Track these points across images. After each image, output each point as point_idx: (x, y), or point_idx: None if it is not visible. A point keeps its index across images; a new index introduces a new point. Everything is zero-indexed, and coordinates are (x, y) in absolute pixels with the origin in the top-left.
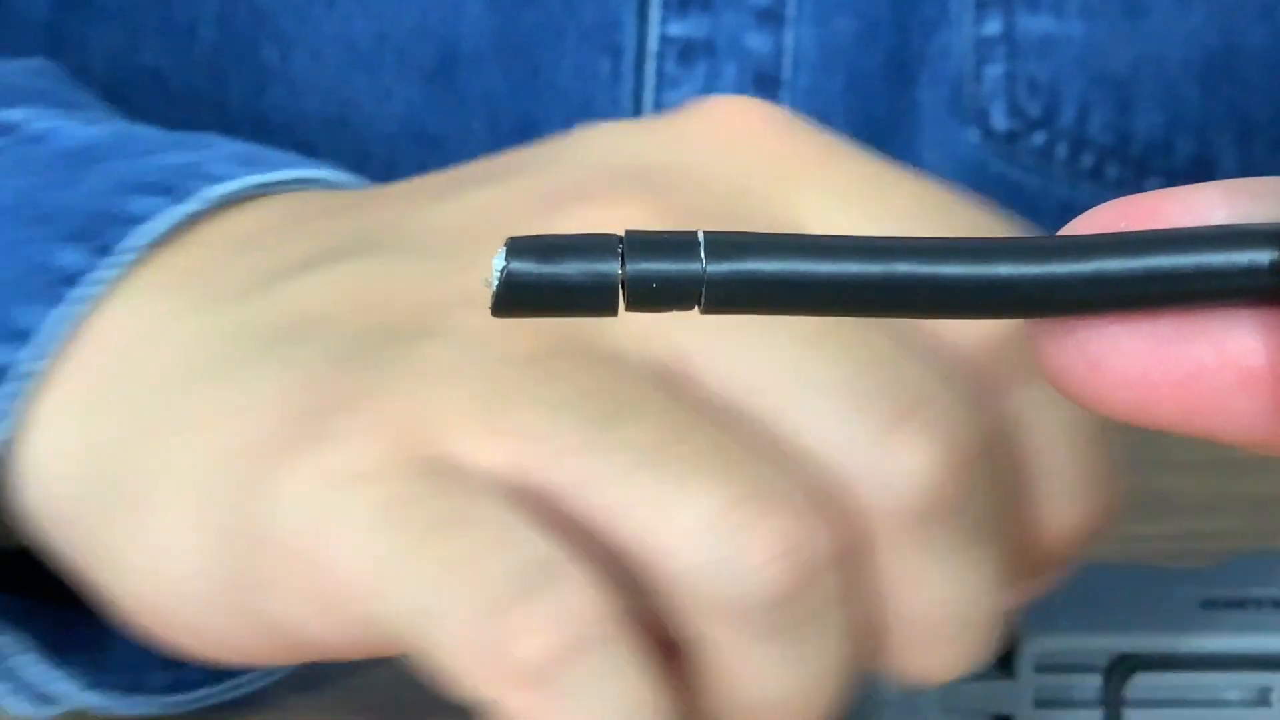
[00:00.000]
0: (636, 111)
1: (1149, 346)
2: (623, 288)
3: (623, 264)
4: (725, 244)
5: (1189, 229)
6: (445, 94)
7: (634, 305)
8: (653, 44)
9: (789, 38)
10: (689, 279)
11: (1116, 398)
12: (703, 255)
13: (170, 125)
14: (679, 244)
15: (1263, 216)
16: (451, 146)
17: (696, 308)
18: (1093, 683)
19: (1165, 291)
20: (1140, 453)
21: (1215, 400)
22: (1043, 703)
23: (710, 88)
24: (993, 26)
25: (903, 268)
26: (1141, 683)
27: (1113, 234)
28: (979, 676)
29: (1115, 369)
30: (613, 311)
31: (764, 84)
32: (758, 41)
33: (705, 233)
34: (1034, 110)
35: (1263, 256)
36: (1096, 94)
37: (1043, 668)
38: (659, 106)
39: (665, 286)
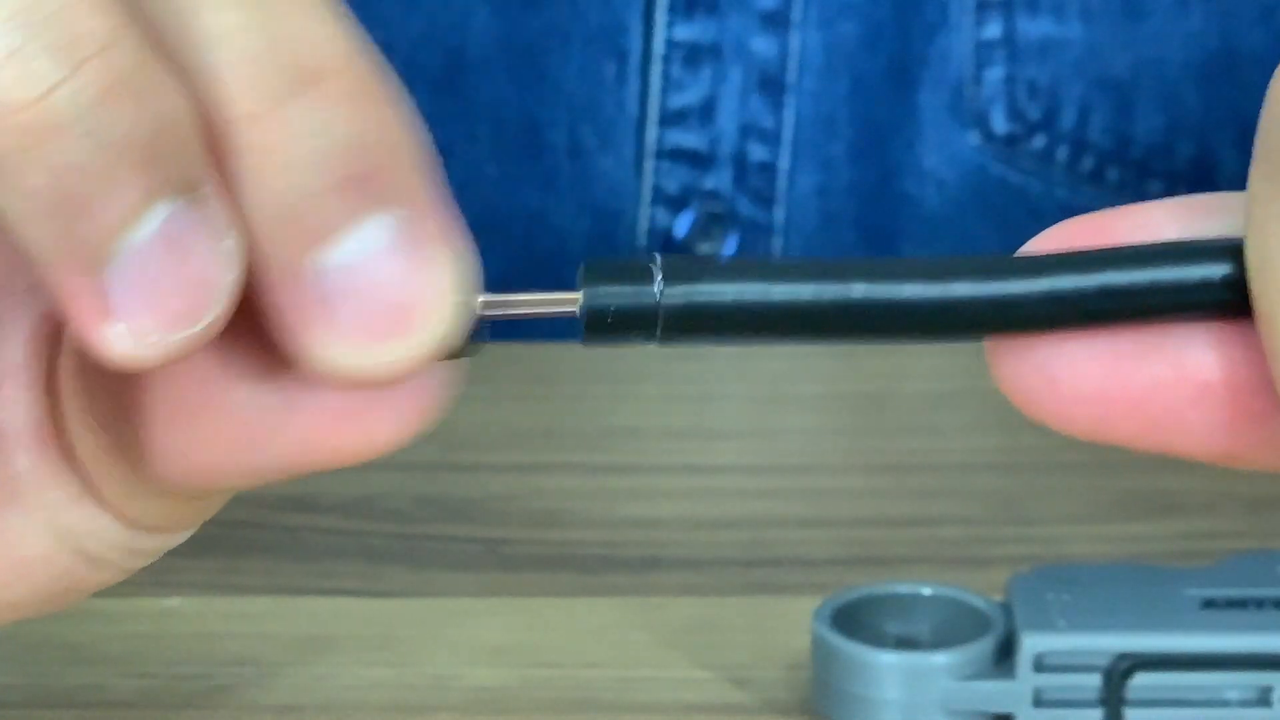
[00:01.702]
0: (643, 115)
1: (1106, 363)
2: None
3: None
4: (681, 268)
5: (1142, 245)
6: (452, 101)
7: (591, 339)
8: (659, 47)
9: (795, 41)
10: (645, 304)
11: (1076, 414)
12: (659, 280)
13: None
14: (635, 269)
15: (1214, 232)
16: (458, 153)
17: (654, 332)
18: (1093, 683)
19: (1120, 308)
20: (1140, 453)
21: (1173, 415)
22: (1043, 703)
23: (716, 91)
24: (993, 30)
25: (860, 289)
26: (1141, 683)
27: (1068, 252)
28: (979, 676)
29: (1073, 386)
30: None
31: (769, 87)
32: (763, 45)
33: (663, 257)
34: (1034, 113)
35: (1215, 271)
36: (1096, 97)
37: (1043, 668)
38: (665, 110)
39: (621, 309)
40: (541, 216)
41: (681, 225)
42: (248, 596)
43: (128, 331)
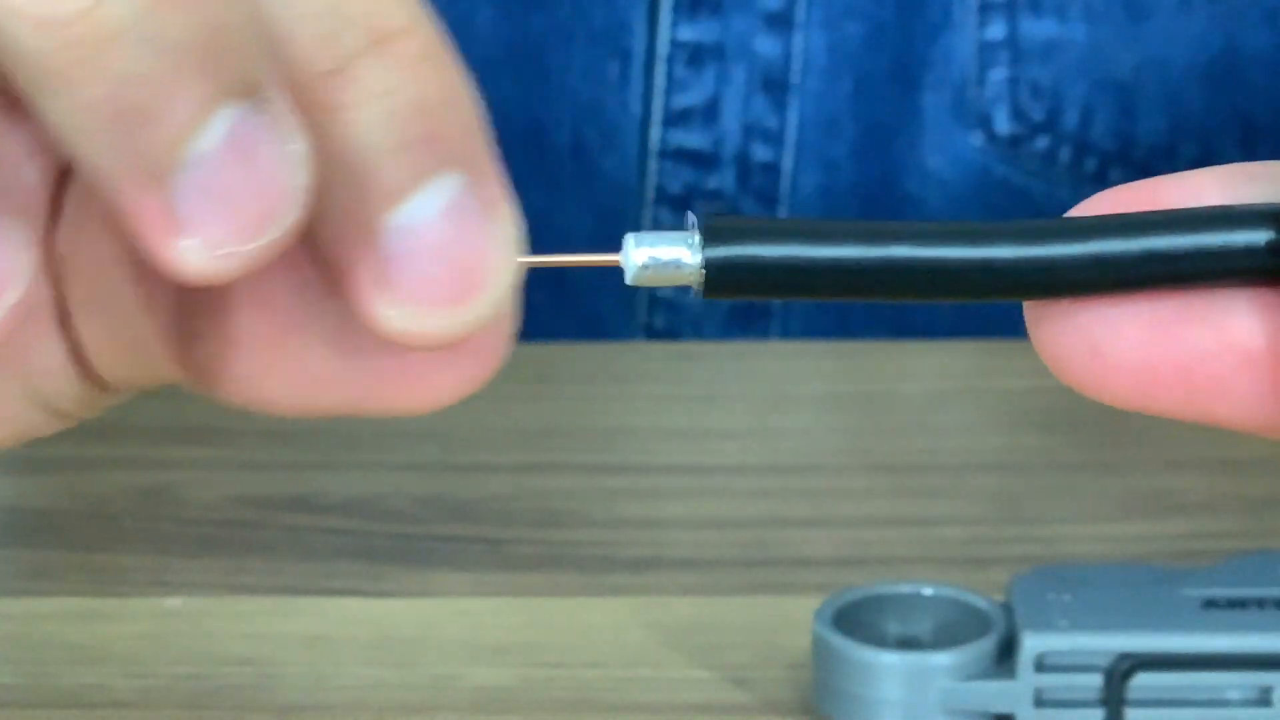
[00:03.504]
0: (646, 116)
1: (1149, 331)
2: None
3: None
4: (722, 229)
5: (1186, 210)
6: None
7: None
8: (662, 47)
9: (798, 42)
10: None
11: (1119, 383)
12: (700, 240)
13: None
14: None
15: (1258, 199)
16: None
17: (698, 290)
18: (1093, 682)
19: (1163, 273)
20: (1140, 453)
21: (1216, 384)
22: (1043, 703)
23: (719, 92)
24: (996, 31)
25: (901, 251)
26: (1142, 682)
27: (1111, 215)
28: (980, 676)
29: (1117, 354)
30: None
31: (773, 88)
32: (767, 45)
33: (703, 217)
34: (1037, 114)
35: (1259, 237)
36: (1099, 98)
37: (1043, 668)
38: (669, 110)
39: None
40: (545, 216)
41: None
42: (249, 596)
43: (200, 245)
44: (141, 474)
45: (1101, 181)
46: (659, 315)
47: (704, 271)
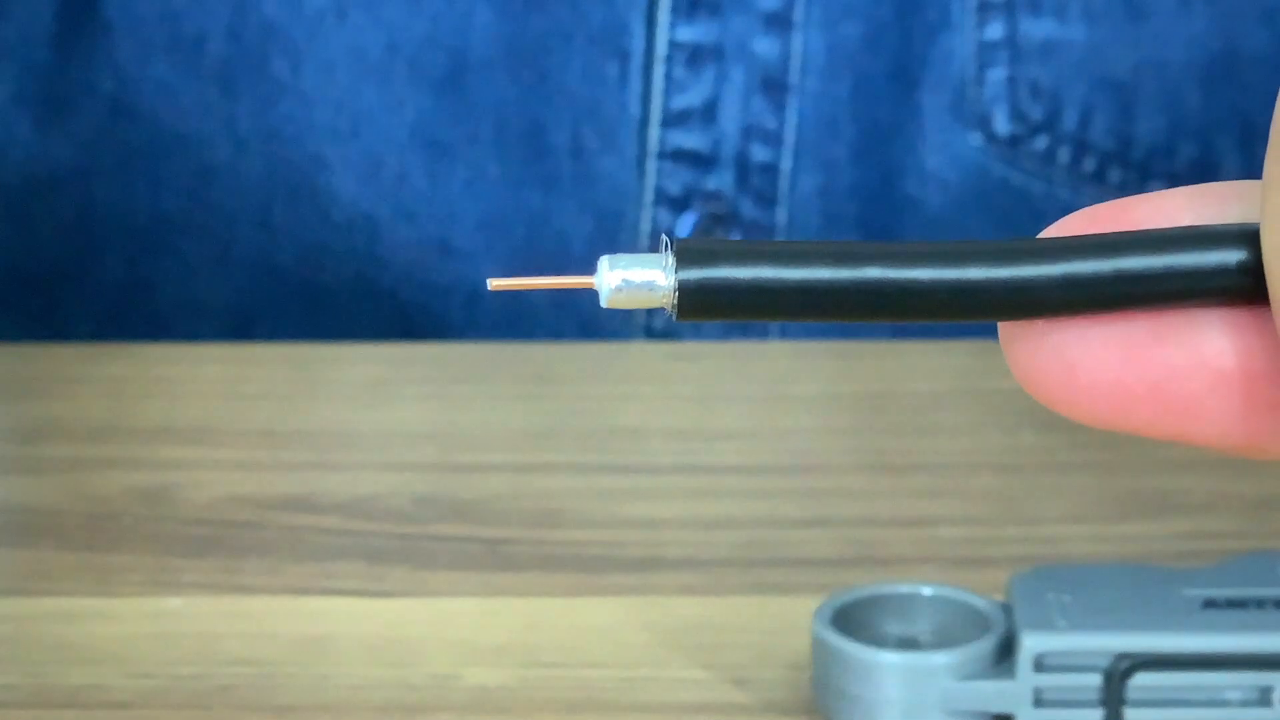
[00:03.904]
0: (645, 116)
1: (1122, 350)
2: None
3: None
4: (696, 251)
5: (1157, 230)
6: (455, 102)
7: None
8: (661, 48)
9: (797, 42)
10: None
11: (1092, 402)
12: (673, 262)
13: (180, 138)
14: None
15: (1229, 219)
16: (460, 153)
17: (671, 312)
18: (1093, 683)
19: (1136, 292)
20: (1140, 453)
21: (1189, 403)
22: (1043, 703)
23: (718, 92)
24: (995, 31)
25: (874, 272)
26: (1141, 682)
27: (1083, 236)
28: (979, 676)
29: (1090, 373)
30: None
31: (771, 89)
32: (765, 46)
33: (676, 240)
34: (1036, 114)
35: (1231, 256)
36: (1098, 98)
37: (1043, 668)
38: (667, 111)
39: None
40: (544, 217)
41: (684, 226)
42: (249, 596)
43: None
44: (141, 474)
45: (1100, 181)
46: (658, 316)
47: (677, 293)
